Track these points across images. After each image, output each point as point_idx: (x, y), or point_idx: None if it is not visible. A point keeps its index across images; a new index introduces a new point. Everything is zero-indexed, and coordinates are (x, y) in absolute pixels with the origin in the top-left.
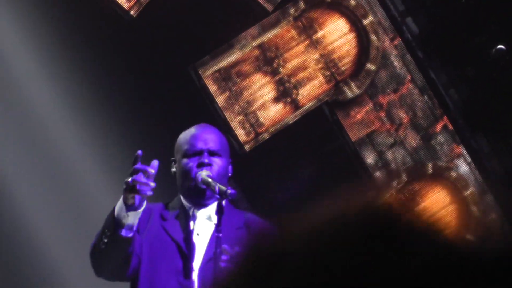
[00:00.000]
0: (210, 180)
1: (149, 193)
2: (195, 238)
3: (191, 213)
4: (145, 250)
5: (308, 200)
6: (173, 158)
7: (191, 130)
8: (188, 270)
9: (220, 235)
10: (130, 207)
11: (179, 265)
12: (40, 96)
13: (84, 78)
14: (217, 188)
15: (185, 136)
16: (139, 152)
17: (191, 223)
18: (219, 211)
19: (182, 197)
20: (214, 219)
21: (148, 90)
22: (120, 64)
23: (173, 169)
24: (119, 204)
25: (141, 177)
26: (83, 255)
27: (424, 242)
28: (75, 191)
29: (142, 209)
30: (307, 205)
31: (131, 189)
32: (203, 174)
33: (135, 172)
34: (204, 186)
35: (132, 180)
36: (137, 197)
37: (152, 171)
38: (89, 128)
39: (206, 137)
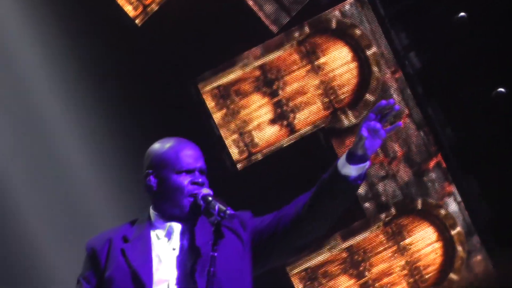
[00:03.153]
0: (210, 199)
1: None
2: (170, 253)
3: (166, 227)
4: (107, 285)
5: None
6: (149, 171)
7: (175, 145)
8: None
9: (216, 254)
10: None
11: None
12: (44, 97)
13: (88, 81)
14: (216, 208)
15: (171, 150)
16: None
17: (166, 239)
18: (217, 231)
19: (155, 212)
20: (190, 233)
21: (147, 99)
22: (121, 70)
23: (152, 183)
24: None
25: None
26: (77, 255)
27: None
28: (74, 197)
29: None
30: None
31: None
32: (205, 191)
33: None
34: (202, 203)
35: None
36: None
37: None
38: (88, 131)
39: (195, 155)
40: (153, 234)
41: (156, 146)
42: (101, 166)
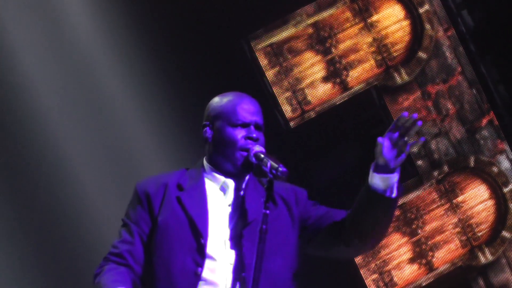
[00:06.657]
0: (262, 156)
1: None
2: (225, 208)
3: (221, 183)
4: (160, 231)
5: (348, 183)
6: (206, 123)
7: (234, 98)
8: (202, 247)
9: (268, 212)
10: None
11: (193, 242)
12: (97, 56)
13: (142, 41)
14: (268, 165)
15: (229, 103)
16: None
17: (221, 193)
18: (269, 188)
19: (209, 165)
20: (243, 193)
21: (200, 57)
22: (174, 29)
23: (208, 135)
24: None
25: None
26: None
27: None
28: (126, 149)
29: None
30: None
31: None
32: (257, 148)
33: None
34: (254, 160)
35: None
36: None
37: None
38: (143, 90)
39: (253, 109)
40: (207, 186)
41: (216, 99)
42: (156, 122)
